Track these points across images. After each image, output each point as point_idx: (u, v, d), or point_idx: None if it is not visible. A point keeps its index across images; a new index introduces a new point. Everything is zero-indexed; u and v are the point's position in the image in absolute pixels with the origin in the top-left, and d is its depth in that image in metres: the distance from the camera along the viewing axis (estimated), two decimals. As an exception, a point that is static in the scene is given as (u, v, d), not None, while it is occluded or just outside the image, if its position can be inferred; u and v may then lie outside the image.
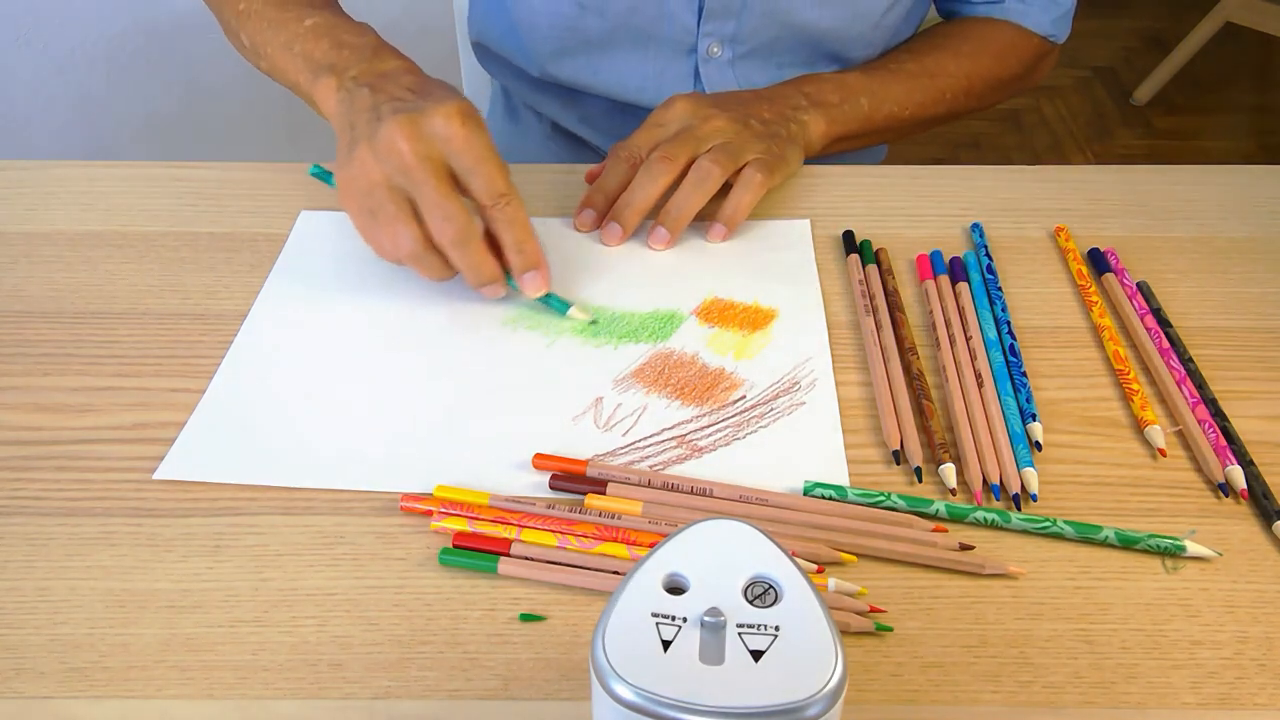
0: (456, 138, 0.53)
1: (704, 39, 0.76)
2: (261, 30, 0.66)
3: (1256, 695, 0.40)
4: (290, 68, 0.63)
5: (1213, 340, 0.57)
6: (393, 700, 0.40)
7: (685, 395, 0.53)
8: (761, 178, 0.63)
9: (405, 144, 0.52)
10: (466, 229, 0.54)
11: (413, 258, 0.55)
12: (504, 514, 0.46)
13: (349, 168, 0.54)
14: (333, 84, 0.58)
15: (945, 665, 0.41)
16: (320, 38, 0.62)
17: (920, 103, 0.75)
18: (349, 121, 0.56)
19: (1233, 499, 0.48)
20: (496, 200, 0.54)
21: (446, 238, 0.54)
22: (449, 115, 0.52)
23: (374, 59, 0.59)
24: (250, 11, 0.67)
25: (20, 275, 0.61)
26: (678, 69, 0.78)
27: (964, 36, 0.79)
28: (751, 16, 0.75)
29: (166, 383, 0.54)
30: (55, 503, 0.48)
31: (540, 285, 0.57)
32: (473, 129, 0.53)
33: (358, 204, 0.55)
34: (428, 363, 0.55)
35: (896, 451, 0.50)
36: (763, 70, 0.79)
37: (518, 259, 0.56)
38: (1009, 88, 0.82)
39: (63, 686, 0.40)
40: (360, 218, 0.56)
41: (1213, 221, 0.66)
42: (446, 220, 0.53)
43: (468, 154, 0.53)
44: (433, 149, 0.53)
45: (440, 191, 0.53)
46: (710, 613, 0.31)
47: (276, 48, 0.64)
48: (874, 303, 0.58)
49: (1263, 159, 2.16)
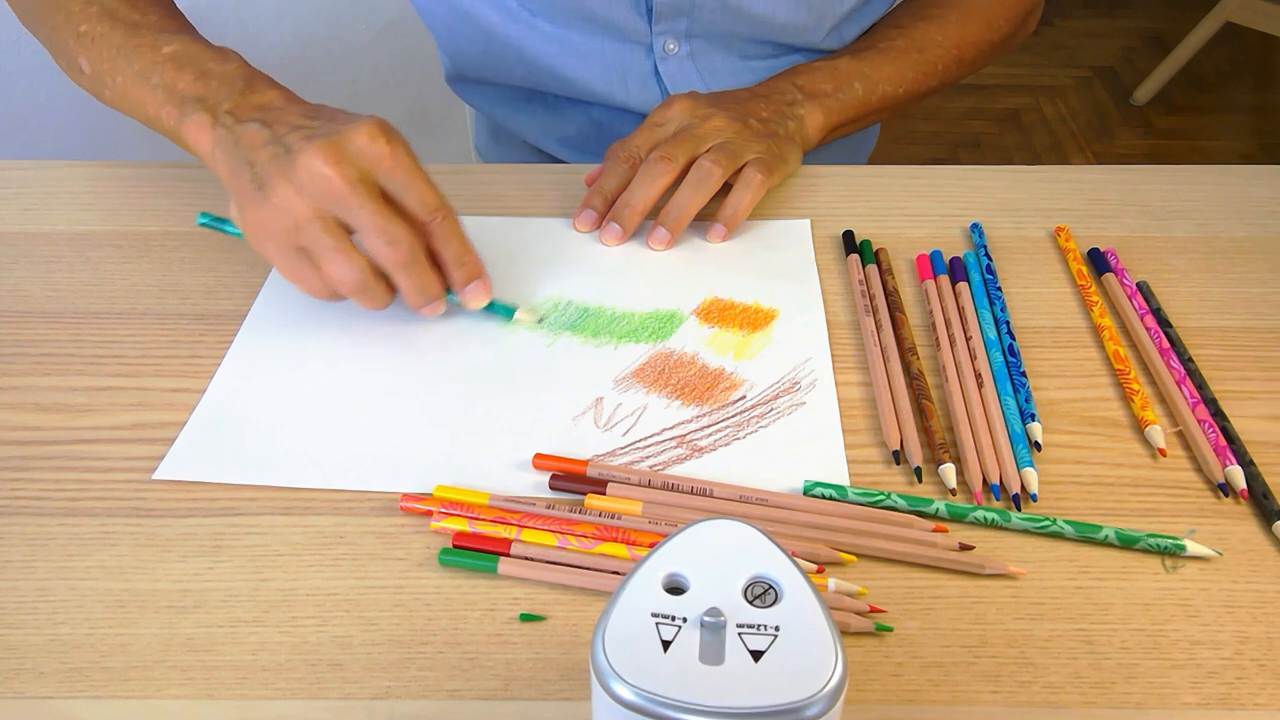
0: (384, 155, 0.50)
1: (658, 38, 0.76)
2: (109, 57, 0.59)
3: (1256, 695, 0.40)
4: (148, 100, 0.57)
5: (1213, 340, 0.57)
6: (393, 700, 0.40)
7: (685, 395, 0.53)
8: (761, 178, 0.63)
9: (332, 169, 0.49)
10: (413, 250, 0.51)
11: (357, 289, 0.52)
12: (504, 514, 0.46)
13: (263, 207, 0.50)
14: (206, 121, 0.53)
15: (945, 665, 0.41)
16: (182, 67, 0.56)
17: (913, 79, 0.74)
18: (244, 160, 0.51)
19: (1233, 499, 0.48)
20: (434, 215, 0.52)
21: (394, 261, 0.51)
22: (372, 134, 0.50)
23: (247, 90, 0.54)
24: (93, 35, 0.60)
25: (20, 275, 0.61)
26: (638, 68, 0.77)
27: (948, 4, 0.78)
28: (702, 13, 0.74)
29: (166, 383, 0.54)
30: (55, 503, 0.48)
31: (483, 295, 0.55)
32: (398, 144, 0.51)
33: (282, 244, 0.51)
34: (428, 363, 0.55)
35: (896, 451, 0.50)
36: (726, 61, 0.78)
37: (459, 272, 0.54)
38: (999, 49, 0.81)
39: (63, 686, 0.40)
40: (286, 260, 0.52)
41: (1213, 221, 0.66)
42: (392, 244, 0.51)
43: (398, 171, 0.51)
44: (362, 170, 0.50)
45: (381, 214, 0.50)
46: (710, 613, 0.31)
47: (129, 77, 0.58)
48: (874, 303, 0.58)
49: (1262, 159, 2.16)
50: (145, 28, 0.59)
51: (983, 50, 0.78)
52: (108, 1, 0.61)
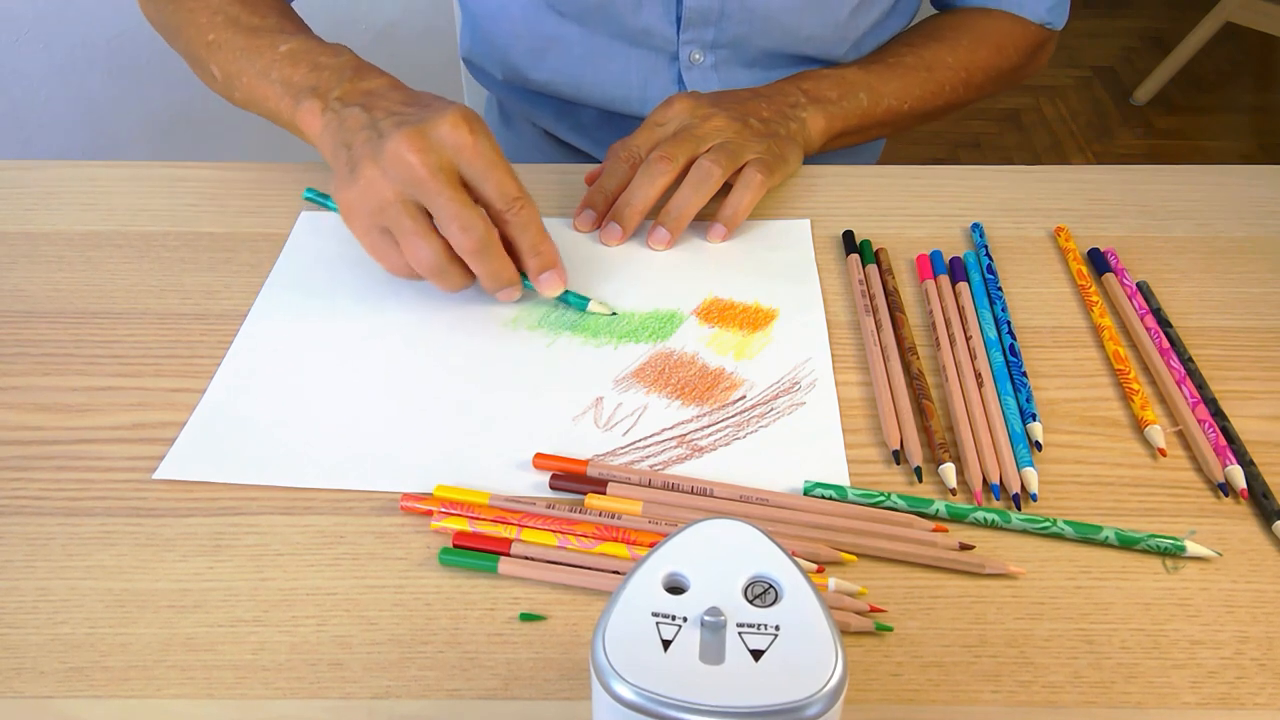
0: (466, 145, 0.52)
1: (684, 47, 0.76)
2: (234, 60, 0.64)
3: (1256, 695, 0.40)
4: (269, 95, 0.62)
5: (1213, 340, 0.57)
6: (393, 700, 0.40)
7: (685, 395, 0.53)
8: (762, 177, 0.63)
9: (415, 156, 0.51)
10: (486, 237, 0.53)
11: (434, 271, 0.54)
12: (504, 514, 0.46)
13: (353, 187, 0.53)
14: (317, 107, 0.57)
15: (945, 665, 0.41)
16: (298, 63, 0.60)
17: (919, 96, 0.75)
18: (343, 141, 0.55)
19: (1233, 499, 0.48)
20: (511, 205, 0.54)
21: (467, 248, 0.53)
22: (455, 123, 0.52)
23: (356, 78, 0.58)
24: (220, 43, 0.65)
25: (21, 275, 0.61)
26: (661, 77, 0.78)
27: (961, 28, 0.79)
28: (730, 24, 0.74)
29: (166, 383, 0.54)
30: (55, 503, 0.48)
31: (558, 284, 0.57)
32: (480, 135, 0.53)
33: (367, 223, 0.54)
34: (428, 362, 0.55)
35: (896, 451, 0.50)
36: (748, 74, 0.79)
37: (534, 261, 0.56)
38: (1008, 78, 0.81)
39: (63, 686, 0.40)
40: (370, 237, 0.55)
41: (1213, 221, 0.66)
42: (465, 231, 0.52)
43: (478, 161, 0.53)
44: (443, 159, 0.52)
45: (457, 201, 0.52)
46: (710, 612, 0.31)
47: (252, 76, 0.62)
48: (874, 303, 0.58)
49: (1262, 159, 2.16)
50: (264, 30, 0.64)
51: (991, 76, 0.79)
52: (230, 10, 0.66)
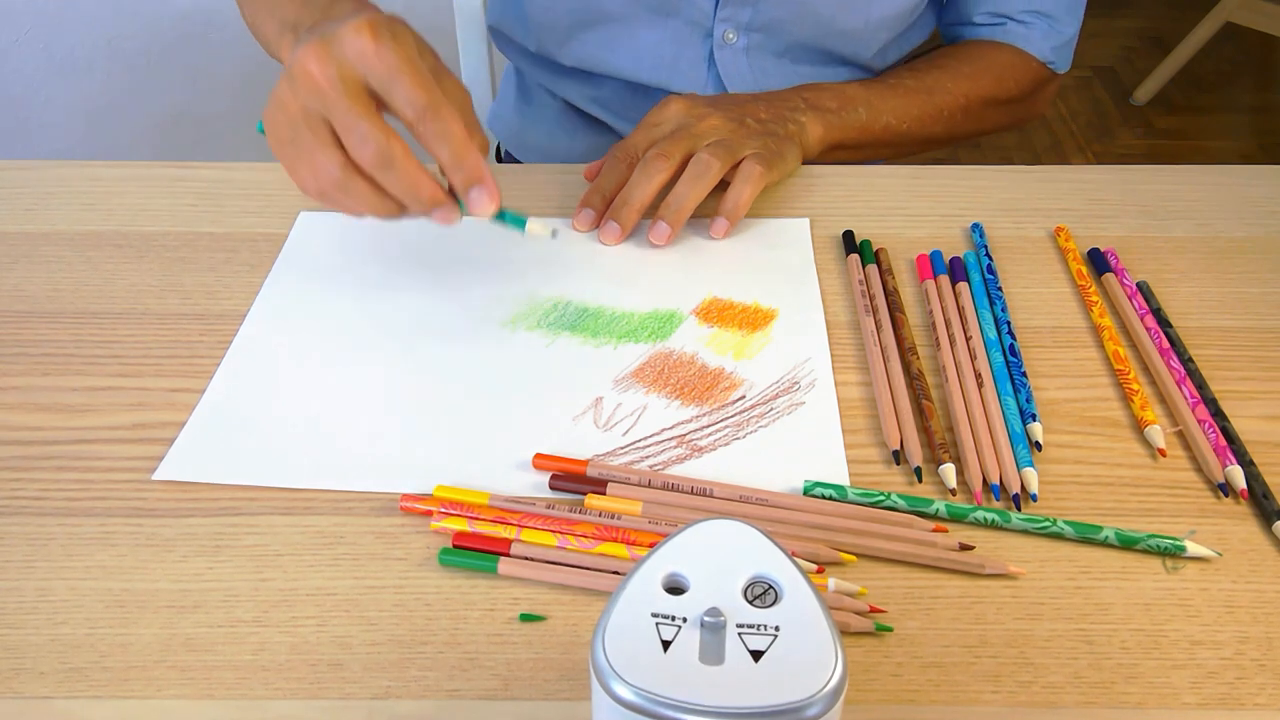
0: (367, 53, 0.48)
1: (720, 24, 0.77)
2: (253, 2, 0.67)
3: (1256, 695, 0.40)
4: (271, 33, 0.62)
5: (1213, 340, 0.57)
6: (392, 700, 0.40)
7: (685, 395, 0.53)
8: (761, 170, 0.63)
9: (315, 65, 0.48)
10: (386, 148, 0.48)
11: (338, 186, 0.50)
12: (504, 514, 0.46)
13: (270, 104, 0.51)
14: (290, 40, 0.56)
15: (945, 665, 0.41)
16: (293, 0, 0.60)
17: (917, 117, 0.76)
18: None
19: (1233, 499, 0.48)
20: (421, 114, 0.49)
21: (366, 160, 0.49)
22: (358, 29, 0.48)
23: (329, 8, 0.56)
24: None
25: (21, 275, 0.61)
26: (693, 53, 0.79)
27: (964, 58, 0.80)
28: (768, 6, 0.76)
29: (166, 383, 0.54)
30: (55, 503, 0.48)
31: (487, 202, 0.51)
32: (385, 40, 0.48)
33: (278, 138, 0.51)
34: (427, 363, 0.55)
35: (896, 451, 0.50)
36: (777, 64, 0.80)
37: (457, 176, 0.50)
38: (1007, 111, 0.82)
39: (63, 686, 0.40)
40: (282, 151, 0.52)
41: (1213, 221, 0.66)
42: (363, 141, 0.48)
43: (379, 67, 0.48)
44: (344, 69, 0.48)
45: (354, 113, 0.48)
46: (710, 613, 0.31)
47: (263, 17, 0.64)
48: (874, 303, 0.58)
49: (1262, 159, 2.16)
50: None
51: (990, 105, 0.80)
52: None
